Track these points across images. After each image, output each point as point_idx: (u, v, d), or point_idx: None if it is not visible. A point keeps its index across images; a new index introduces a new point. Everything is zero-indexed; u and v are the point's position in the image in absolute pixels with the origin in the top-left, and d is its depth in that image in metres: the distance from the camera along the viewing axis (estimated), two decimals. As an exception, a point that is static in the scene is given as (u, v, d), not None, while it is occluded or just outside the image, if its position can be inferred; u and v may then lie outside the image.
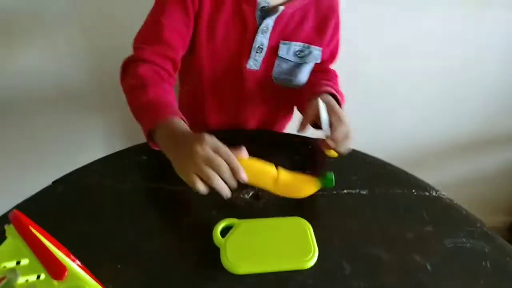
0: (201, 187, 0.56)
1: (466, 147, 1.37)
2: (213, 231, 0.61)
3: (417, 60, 1.16)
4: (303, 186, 0.66)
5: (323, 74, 0.85)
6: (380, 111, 1.26)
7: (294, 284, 0.57)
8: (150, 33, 0.73)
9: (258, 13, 0.75)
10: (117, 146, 0.76)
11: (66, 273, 0.33)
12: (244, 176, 0.58)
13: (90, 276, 0.47)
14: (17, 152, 1.14)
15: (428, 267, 0.61)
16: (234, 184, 0.57)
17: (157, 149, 0.65)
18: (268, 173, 0.63)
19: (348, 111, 0.78)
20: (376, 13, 1.05)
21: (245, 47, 0.78)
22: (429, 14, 1.07)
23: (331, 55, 0.87)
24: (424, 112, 1.28)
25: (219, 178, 0.55)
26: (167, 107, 0.65)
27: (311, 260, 0.59)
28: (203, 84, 0.83)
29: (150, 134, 0.64)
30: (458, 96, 1.25)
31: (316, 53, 0.82)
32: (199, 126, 0.87)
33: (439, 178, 0.85)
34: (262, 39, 0.77)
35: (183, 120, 0.65)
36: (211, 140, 0.57)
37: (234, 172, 0.57)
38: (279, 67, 0.81)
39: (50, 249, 0.36)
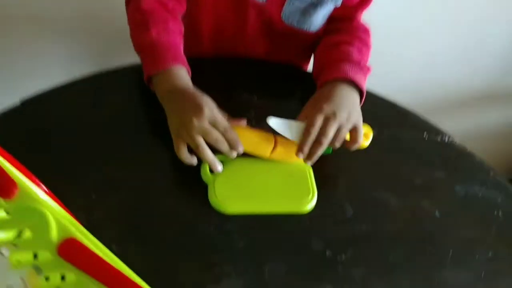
0: (187, 159, 0.53)
1: (477, 101, 1.30)
2: (202, 166, 0.55)
3: (424, 8, 1.06)
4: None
5: (346, 35, 0.68)
6: (389, 59, 1.18)
7: (289, 226, 0.52)
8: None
9: None
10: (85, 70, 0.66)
11: (16, 191, 0.26)
12: (241, 149, 0.54)
13: (58, 204, 0.40)
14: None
15: (437, 214, 0.56)
16: (233, 155, 0.53)
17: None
18: (266, 143, 0.56)
19: None
20: None
21: None
22: None
23: (354, 3, 0.68)
24: (435, 62, 1.19)
25: (209, 152, 0.52)
26: (169, 50, 0.60)
27: (309, 203, 0.53)
28: (201, 13, 0.72)
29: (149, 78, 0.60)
30: (468, 47, 1.16)
31: None
32: (195, 54, 0.77)
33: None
34: None
35: (186, 68, 0.60)
36: (209, 113, 0.53)
37: (231, 144, 0.53)
38: (290, 5, 0.67)
39: (1, 165, 0.28)
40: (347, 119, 0.55)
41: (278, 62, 0.73)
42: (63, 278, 0.26)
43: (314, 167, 0.57)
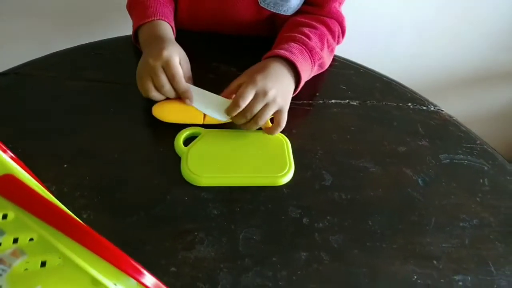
0: (146, 92, 0.55)
1: (474, 79, 1.27)
2: (175, 139, 0.53)
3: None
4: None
5: (313, 19, 0.65)
6: (382, 37, 1.15)
7: (266, 194, 0.50)
8: None
9: None
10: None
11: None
12: (189, 102, 0.54)
13: (26, 171, 0.39)
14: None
15: (420, 182, 0.54)
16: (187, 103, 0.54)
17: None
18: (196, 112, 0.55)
19: (351, 36, 0.66)
20: None
21: None
22: None
23: None
24: (431, 36, 1.17)
25: (155, 92, 0.54)
26: (150, 7, 0.61)
27: (285, 177, 0.52)
28: None
29: (136, 34, 0.62)
30: (467, 21, 1.14)
31: None
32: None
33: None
34: None
35: (170, 26, 0.61)
36: (166, 58, 0.53)
37: (181, 94, 0.54)
38: None
39: None
40: (273, 100, 0.53)
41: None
42: (4, 217, 0.25)
43: (293, 134, 0.56)
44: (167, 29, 0.60)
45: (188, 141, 0.54)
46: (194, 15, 0.71)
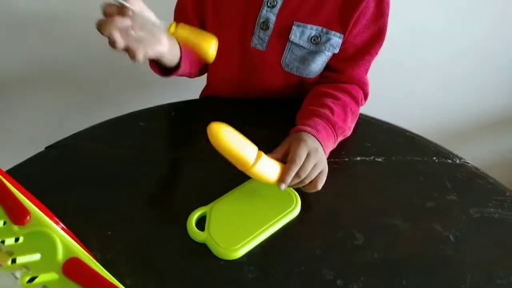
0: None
1: (495, 125, 1.27)
2: (188, 227, 0.54)
3: (439, 32, 1.08)
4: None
5: (335, 87, 0.68)
6: (402, 84, 1.19)
7: (299, 252, 0.52)
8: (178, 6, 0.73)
9: None
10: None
11: (28, 218, 0.29)
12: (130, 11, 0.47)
13: (76, 242, 0.42)
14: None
15: (451, 238, 0.55)
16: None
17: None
18: (250, 150, 0.53)
19: (373, 82, 0.70)
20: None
21: (250, 21, 0.67)
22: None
23: (361, 51, 0.68)
24: (448, 88, 1.20)
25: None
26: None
27: (296, 208, 0.56)
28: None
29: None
30: (482, 72, 1.16)
31: (335, 41, 0.66)
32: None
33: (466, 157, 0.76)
34: (269, 14, 0.65)
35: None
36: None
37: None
38: (290, 53, 0.68)
39: (17, 196, 0.31)
40: (320, 160, 0.57)
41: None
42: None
43: (321, 193, 0.58)
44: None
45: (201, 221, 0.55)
46: (224, 84, 0.76)
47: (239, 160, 0.51)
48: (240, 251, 0.52)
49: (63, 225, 0.44)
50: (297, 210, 0.56)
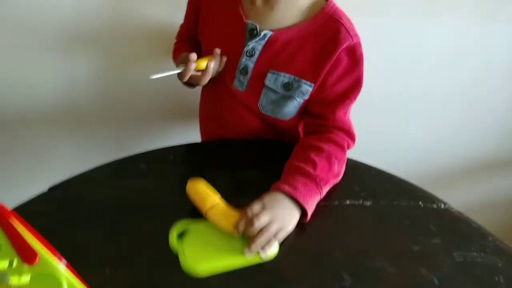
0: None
1: (481, 169, 1.31)
2: (170, 236, 0.60)
3: (427, 77, 1.14)
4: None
5: (320, 139, 0.73)
6: (391, 128, 1.24)
7: (290, 295, 0.54)
8: (179, 32, 0.92)
9: (247, 34, 0.73)
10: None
11: (37, 258, 0.32)
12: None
13: (77, 277, 0.45)
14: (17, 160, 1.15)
15: (436, 281, 0.57)
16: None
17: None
18: (210, 199, 0.63)
19: (356, 129, 0.75)
20: (382, 26, 1.05)
21: (232, 66, 0.76)
22: (437, 27, 1.05)
23: (339, 98, 0.73)
24: (437, 131, 1.24)
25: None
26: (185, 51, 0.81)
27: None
28: (202, 91, 0.89)
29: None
30: (470, 116, 1.22)
31: (305, 89, 0.73)
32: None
33: (452, 200, 0.79)
34: (247, 62, 0.74)
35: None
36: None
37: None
38: (266, 96, 0.75)
39: (25, 237, 0.34)
40: (276, 218, 0.60)
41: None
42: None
43: (313, 236, 0.61)
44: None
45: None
46: (208, 122, 0.85)
47: (197, 207, 0.63)
48: (203, 270, 0.56)
49: (65, 261, 0.47)
50: (274, 251, 0.58)
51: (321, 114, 0.76)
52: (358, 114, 0.78)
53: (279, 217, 0.61)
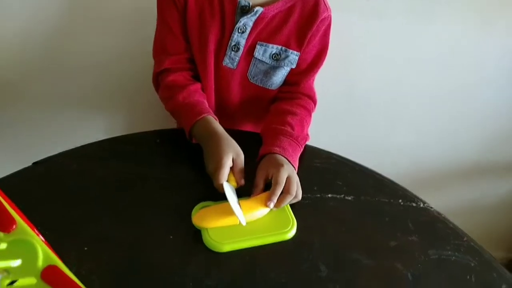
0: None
1: (467, 174, 1.34)
2: (192, 214, 0.61)
3: (413, 81, 1.15)
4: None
5: (291, 103, 0.80)
6: (379, 130, 1.25)
7: (266, 281, 0.55)
8: (161, 46, 0.80)
9: (238, 11, 0.75)
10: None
11: (14, 226, 0.32)
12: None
13: (53, 253, 0.45)
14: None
15: (409, 276, 0.58)
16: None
17: (195, 142, 0.74)
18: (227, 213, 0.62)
19: (344, 126, 0.77)
20: (377, 29, 1.06)
21: (223, 44, 0.78)
22: (431, 32, 1.06)
23: (311, 65, 0.81)
24: (423, 134, 1.26)
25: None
26: (195, 107, 0.75)
27: (291, 231, 0.62)
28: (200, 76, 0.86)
29: (190, 133, 0.74)
30: (458, 120, 1.23)
31: (293, 58, 0.79)
32: None
33: (436, 204, 0.81)
34: (239, 39, 0.76)
35: (213, 116, 0.74)
36: (221, 164, 0.65)
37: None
38: (255, 67, 0.80)
39: (4, 205, 0.34)
40: (292, 172, 0.68)
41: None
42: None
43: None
44: (216, 123, 0.73)
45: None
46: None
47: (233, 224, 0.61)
48: (228, 247, 0.58)
49: (42, 238, 0.47)
50: (289, 234, 0.61)
51: (295, 82, 0.83)
52: (349, 113, 0.79)
53: (293, 170, 0.68)
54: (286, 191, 0.65)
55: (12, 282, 0.30)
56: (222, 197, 0.63)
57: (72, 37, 1.01)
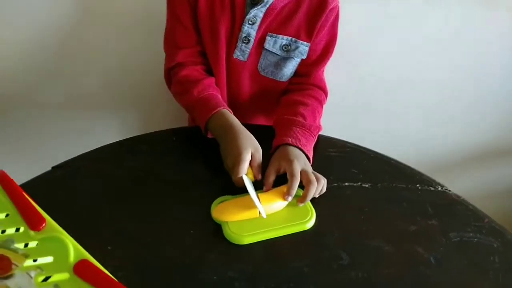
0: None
1: (483, 157, 1.32)
2: (211, 209, 0.62)
3: (424, 64, 1.14)
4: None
5: (302, 94, 0.80)
6: (390, 118, 1.24)
7: (288, 270, 0.55)
8: (172, 40, 0.80)
9: (248, 2, 0.75)
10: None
11: (44, 224, 0.33)
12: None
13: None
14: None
15: (432, 260, 0.58)
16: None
17: (211, 137, 0.74)
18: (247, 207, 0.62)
19: (356, 115, 0.76)
20: (382, 13, 1.05)
21: (233, 36, 0.78)
22: (439, 14, 1.05)
23: (321, 56, 0.82)
24: (435, 117, 1.25)
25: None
26: (210, 101, 0.75)
27: (310, 221, 0.62)
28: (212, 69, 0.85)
29: (205, 127, 0.74)
30: (469, 102, 1.22)
31: (303, 49, 0.79)
32: None
33: (454, 189, 0.80)
34: (250, 30, 0.76)
35: (228, 110, 0.74)
36: (241, 158, 0.65)
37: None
38: (265, 59, 0.80)
39: (33, 204, 0.35)
40: (305, 163, 0.68)
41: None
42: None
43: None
44: (232, 116, 0.73)
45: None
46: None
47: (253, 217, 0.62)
48: (248, 239, 0.59)
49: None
50: (308, 224, 0.62)
51: (305, 73, 0.83)
52: (359, 103, 0.79)
53: (306, 161, 0.69)
54: (307, 183, 0.64)
55: (46, 279, 0.31)
56: (240, 191, 0.64)
57: (83, 41, 1.02)
